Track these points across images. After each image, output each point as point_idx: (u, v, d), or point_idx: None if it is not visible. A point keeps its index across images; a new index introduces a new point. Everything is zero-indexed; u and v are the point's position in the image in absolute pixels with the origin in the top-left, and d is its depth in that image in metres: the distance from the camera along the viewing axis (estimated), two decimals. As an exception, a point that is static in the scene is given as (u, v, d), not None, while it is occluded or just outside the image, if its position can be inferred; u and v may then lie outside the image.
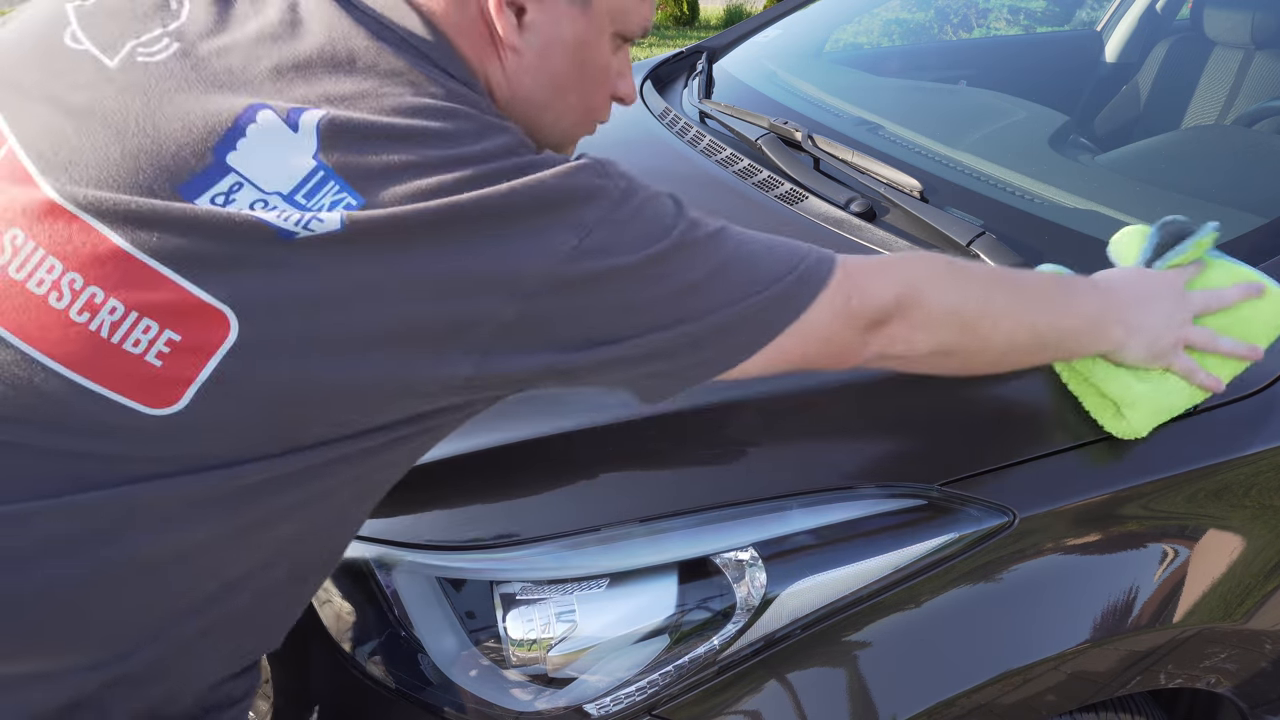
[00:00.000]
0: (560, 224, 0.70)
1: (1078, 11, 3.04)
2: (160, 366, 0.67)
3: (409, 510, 1.11)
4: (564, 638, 1.00)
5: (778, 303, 0.77)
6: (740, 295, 0.76)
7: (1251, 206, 1.38)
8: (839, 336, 0.81)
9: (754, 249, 0.79)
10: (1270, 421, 1.04)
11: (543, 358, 0.72)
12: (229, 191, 0.68)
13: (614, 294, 0.73)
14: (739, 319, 0.76)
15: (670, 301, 0.74)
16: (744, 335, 0.78)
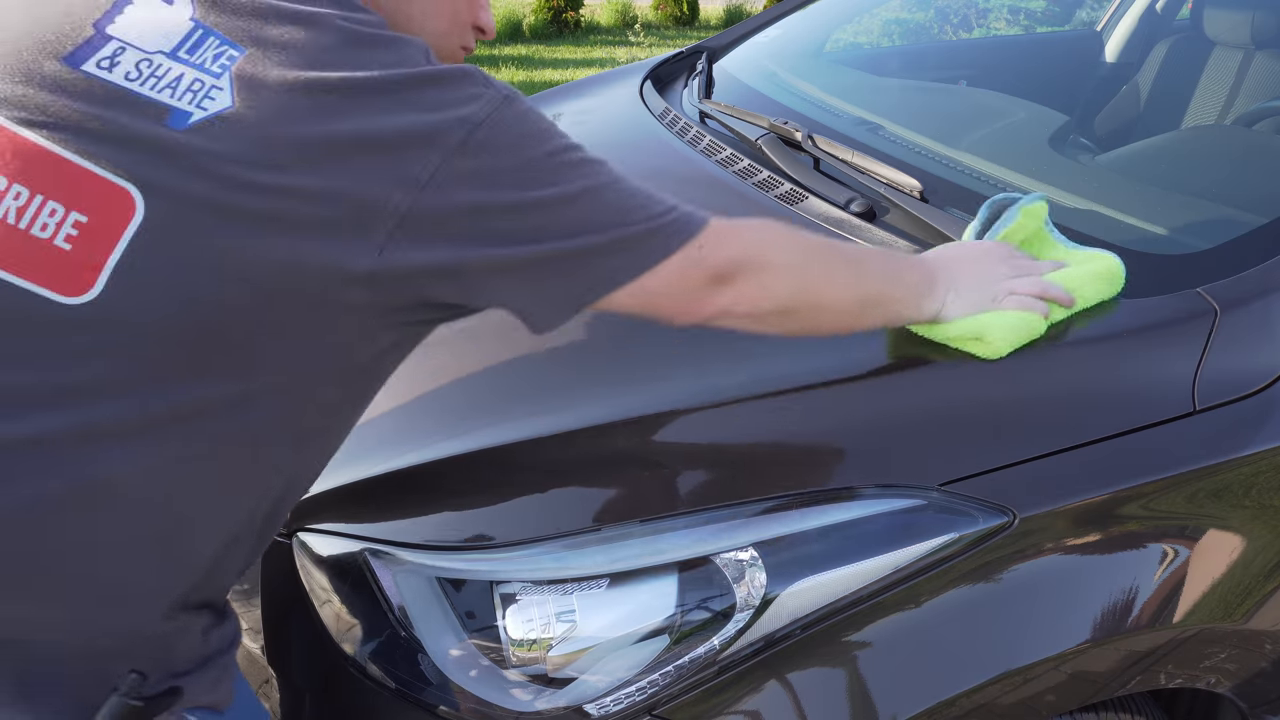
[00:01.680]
0: (447, 113, 0.73)
1: (1078, 11, 3.04)
2: (70, 250, 0.67)
3: (409, 510, 1.11)
4: (564, 638, 1.00)
5: (649, 238, 0.81)
6: (615, 222, 0.80)
7: (1251, 206, 1.38)
8: (691, 285, 0.85)
9: (632, 186, 0.83)
10: (1270, 421, 1.04)
11: (436, 253, 0.74)
12: (112, 55, 0.71)
13: (498, 193, 0.75)
14: (611, 245, 0.80)
15: (549, 211, 0.77)
16: (615, 262, 0.80)
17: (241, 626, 0.92)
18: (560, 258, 0.79)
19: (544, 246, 0.77)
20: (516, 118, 0.77)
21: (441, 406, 1.22)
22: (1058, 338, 1.09)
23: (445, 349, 1.33)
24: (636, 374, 1.17)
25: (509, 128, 0.76)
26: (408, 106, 0.73)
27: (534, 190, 0.76)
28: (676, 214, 0.84)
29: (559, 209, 0.78)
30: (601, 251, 0.80)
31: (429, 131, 0.73)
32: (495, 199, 0.75)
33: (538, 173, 0.77)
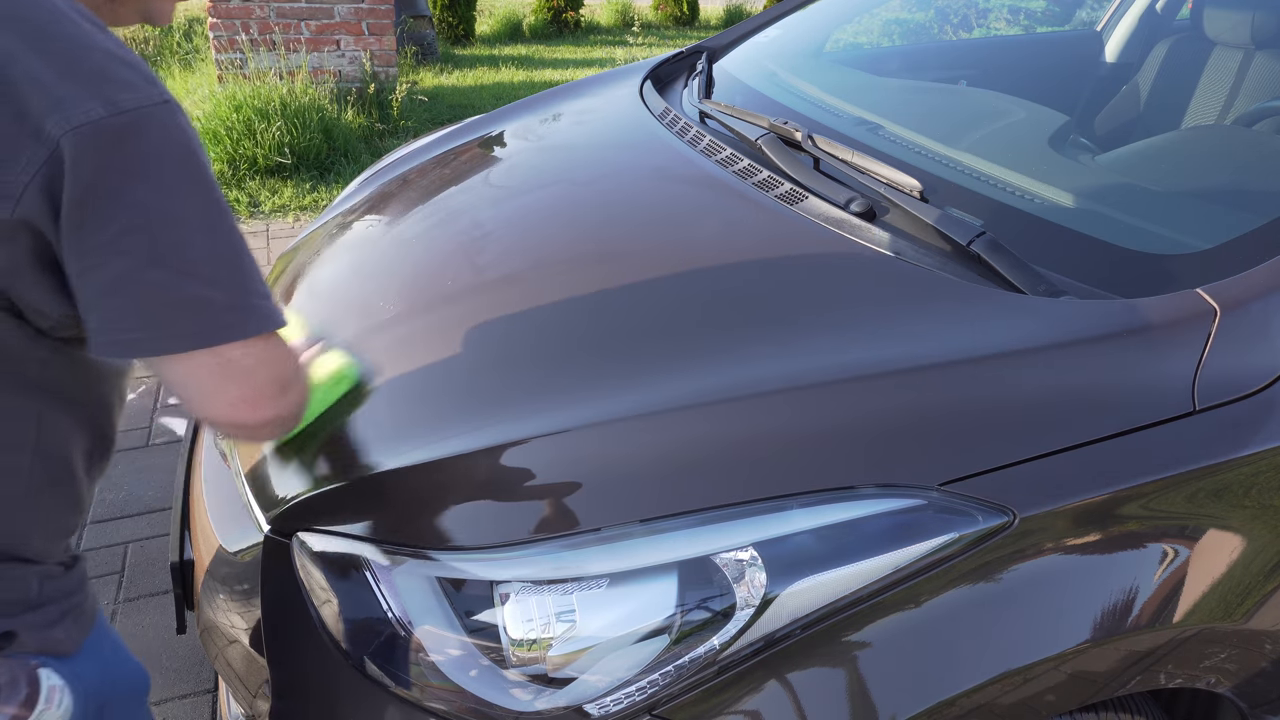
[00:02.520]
0: (98, 91, 0.74)
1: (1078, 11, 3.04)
2: None
3: (409, 510, 1.11)
4: (564, 638, 1.00)
5: (259, 311, 0.83)
6: (218, 281, 0.80)
7: (1251, 206, 1.38)
8: (265, 376, 0.86)
9: (235, 244, 0.83)
10: (1270, 421, 1.04)
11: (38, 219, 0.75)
12: None
13: (121, 185, 0.75)
14: (227, 305, 0.81)
15: (178, 231, 0.78)
16: (223, 320, 0.81)
17: (86, 575, 0.94)
18: (159, 288, 0.78)
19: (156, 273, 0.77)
20: (169, 123, 0.78)
21: (441, 406, 1.22)
22: (1059, 337, 1.09)
23: (445, 349, 1.33)
24: (636, 373, 1.17)
25: (157, 131, 0.77)
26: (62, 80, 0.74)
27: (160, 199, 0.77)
28: (275, 301, 0.86)
29: (170, 231, 0.78)
30: (220, 305, 0.81)
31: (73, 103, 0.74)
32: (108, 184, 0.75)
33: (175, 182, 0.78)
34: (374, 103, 5.29)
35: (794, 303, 1.25)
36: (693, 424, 1.08)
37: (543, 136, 2.01)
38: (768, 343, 1.17)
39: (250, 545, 1.24)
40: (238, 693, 1.21)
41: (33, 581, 0.88)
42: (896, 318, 1.18)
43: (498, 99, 6.09)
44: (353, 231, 1.75)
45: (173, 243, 0.78)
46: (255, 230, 4.00)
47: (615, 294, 1.34)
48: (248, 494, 1.28)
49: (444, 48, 7.98)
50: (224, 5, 4.96)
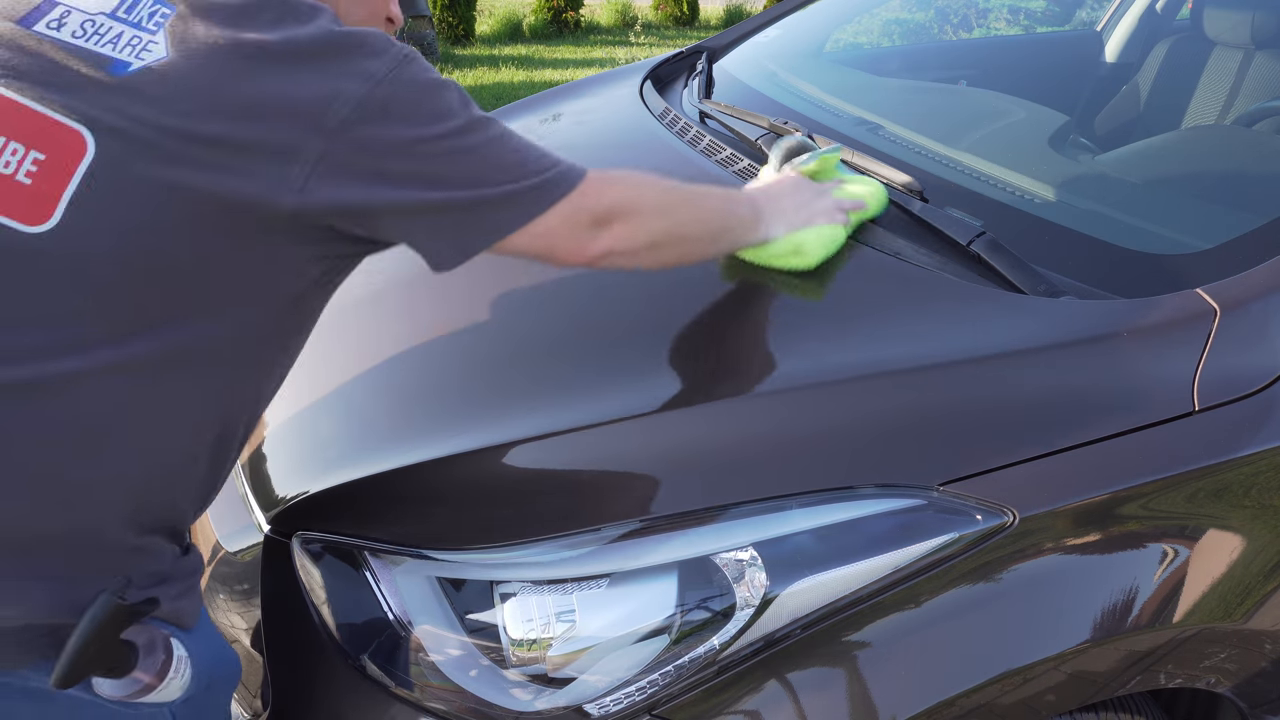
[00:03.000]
0: (353, 70, 0.84)
1: (1078, 11, 3.04)
2: (30, 184, 0.77)
3: (409, 510, 1.11)
4: (564, 638, 1.00)
5: (537, 190, 0.92)
6: (506, 177, 0.90)
7: (1251, 206, 1.38)
8: (577, 229, 0.97)
9: (522, 141, 0.94)
10: (1270, 421, 1.04)
11: (346, 193, 0.84)
12: (59, 17, 0.82)
13: (401, 143, 0.85)
14: (503, 197, 0.90)
15: (446, 161, 0.87)
16: (505, 213, 0.91)
17: (203, 558, 1.01)
18: (457, 206, 0.89)
19: (442, 194, 0.88)
20: (414, 76, 0.87)
21: (441, 406, 1.22)
22: (1059, 337, 1.09)
23: (445, 348, 1.33)
24: (636, 373, 1.17)
25: (407, 84, 0.86)
26: (317, 67, 0.83)
27: (431, 142, 0.86)
28: (561, 168, 0.95)
29: (455, 159, 0.88)
30: (494, 203, 0.90)
31: (335, 89, 0.83)
32: (396, 147, 0.85)
33: (435, 125, 0.87)
34: (374, 103, 5.28)
35: (793, 302, 1.25)
36: (692, 424, 1.08)
37: (543, 137, 2.01)
38: (768, 342, 1.17)
39: (250, 545, 1.24)
40: (238, 692, 1.21)
41: (168, 556, 0.93)
42: (896, 318, 1.18)
43: (498, 99, 6.09)
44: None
45: (450, 166, 0.88)
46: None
47: (614, 294, 1.34)
48: (248, 494, 1.28)
49: (444, 48, 7.98)
50: (224, 5, 4.95)
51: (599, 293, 1.35)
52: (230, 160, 0.80)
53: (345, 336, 1.42)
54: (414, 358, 1.33)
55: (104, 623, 0.82)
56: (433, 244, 0.92)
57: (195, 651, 0.94)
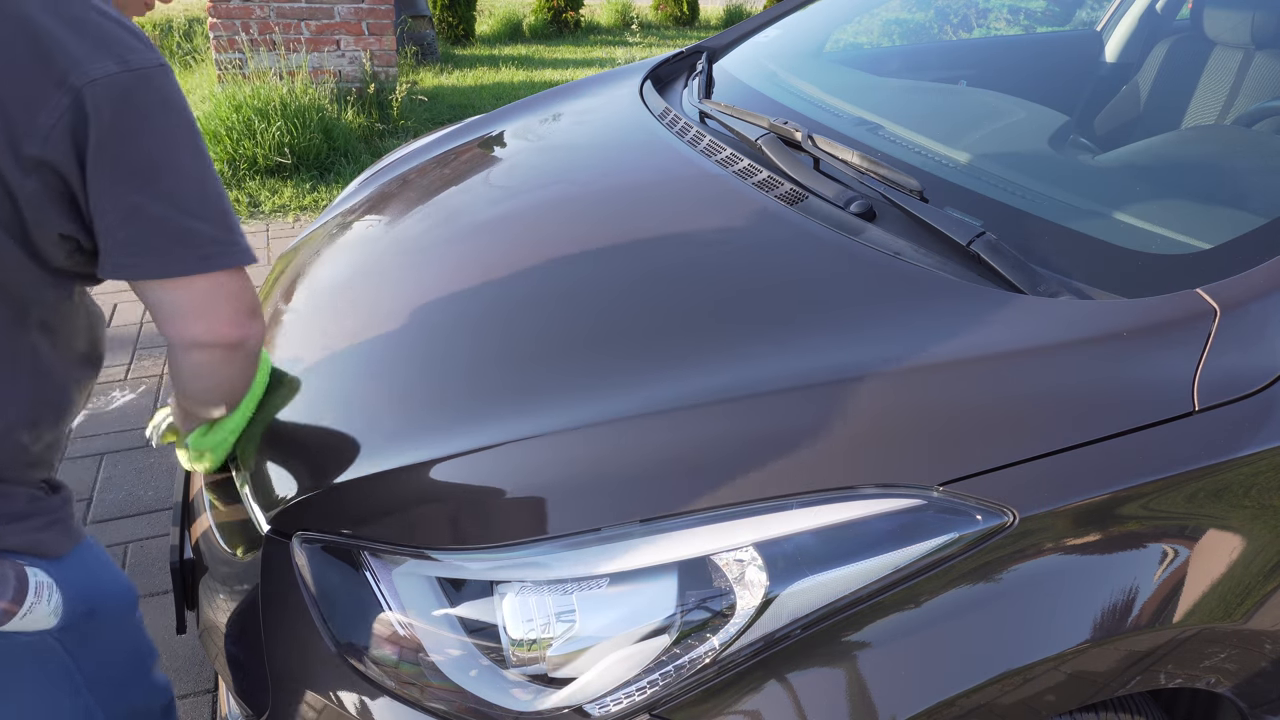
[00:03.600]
0: (110, 51, 0.89)
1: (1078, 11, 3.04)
2: None
3: (409, 510, 1.11)
4: (564, 638, 1.00)
5: (237, 245, 0.99)
6: (209, 218, 0.96)
7: (1251, 206, 1.38)
8: (244, 303, 1.03)
9: (220, 189, 0.99)
10: (1270, 421, 1.04)
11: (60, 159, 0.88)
12: None
13: (131, 132, 0.90)
14: (215, 238, 0.97)
15: (164, 174, 0.93)
16: (210, 250, 0.97)
17: (71, 499, 1.06)
18: (160, 220, 0.93)
19: (160, 207, 0.93)
20: (161, 77, 0.92)
21: (441, 406, 1.22)
22: (1059, 337, 1.09)
23: (444, 349, 1.33)
24: (636, 373, 1.17)
25: (152, 85, 0.91)
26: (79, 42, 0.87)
27: (158, 145, 0.92)
28: (247, 240, 1.02)
29: (175, 179, 0.93)
30: (208, 238, 0.96)
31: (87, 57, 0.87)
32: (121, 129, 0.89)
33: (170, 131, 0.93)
34: (374, 103, 5.29)
35: (793, 302, 1.25)
36: (692, 424, 1.08)
37: (543, 137, 2.01)
38: (767, 343, 1.17)
39: (250, 545, 1.24)
40: (238, 692, 1.21)
41: (21, 499, 0.99)
42: (896, 318, 1.18)
43: (498, 99, 6.09)
44: (353, 231, 1.75)
45: (173, 183, 0.93)
46: (255, 230, 4.00)
47: (614, 294, 1.34)
48: (248, 494, 1.28)
49: (444, 48, 7.98)
50: (224, 5, 4.96)
51: (598, 293, 1.35)
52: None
53: (345, 337, 1.42)
54: (414, 358, 1.33)
55: None
56: (118, 246, 0.94)
57: (65, 579, 0.99)
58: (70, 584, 1.00)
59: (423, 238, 1.63)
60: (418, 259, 1.56)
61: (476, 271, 1.47)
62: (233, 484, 1.35)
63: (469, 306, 1.39)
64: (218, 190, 0.98)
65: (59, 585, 0.99)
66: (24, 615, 0.95)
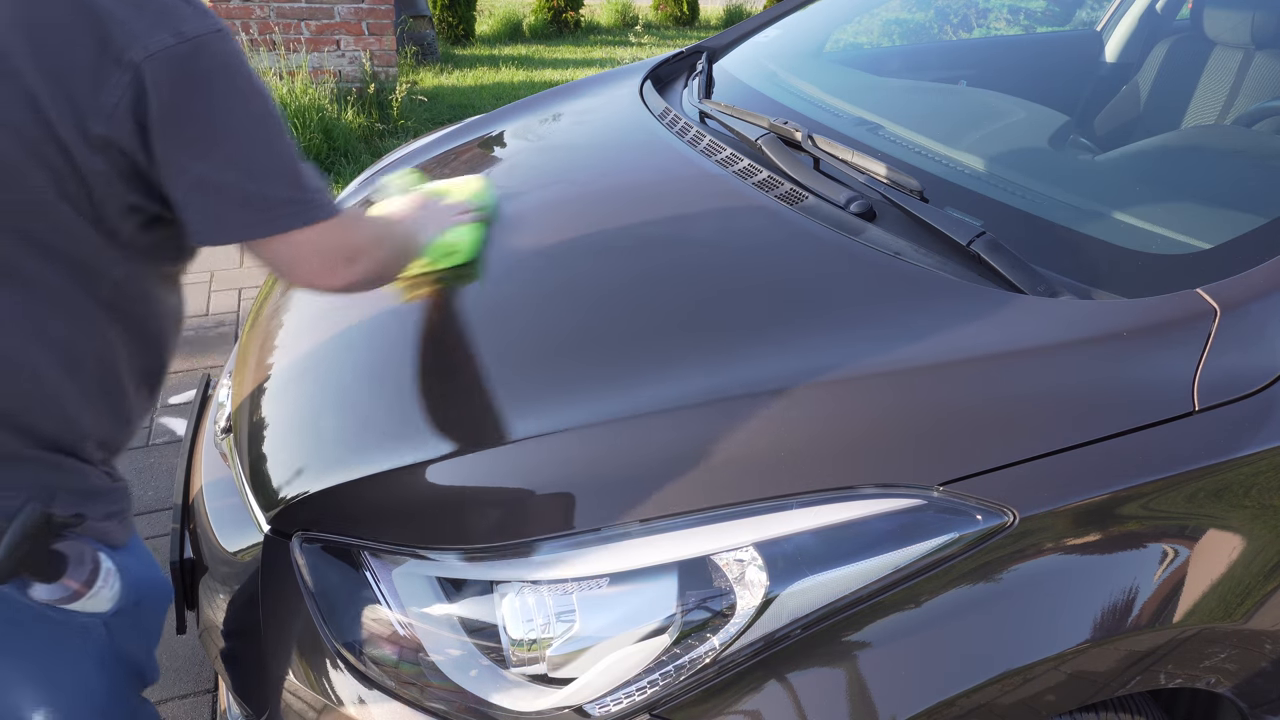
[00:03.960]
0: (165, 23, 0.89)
1: (1078, 11, 3.04)
2: None
3: (409, 510, 1.11)
4: (564, 638, 1.00)
5: (315, 202, 1.00)
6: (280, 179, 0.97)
7: (1251, 206, 1.38)
8: (332, 252, 1.05)
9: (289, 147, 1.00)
10: (1270, 421, 1.04)
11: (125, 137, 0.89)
12: None
13: (192, 101, 0.91)
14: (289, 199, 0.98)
15: (231, 141, 0.94)
16: (284, 211, 0.98)
17: (129, 494, 1.10)
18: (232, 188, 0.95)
19: (226, 174, 0.94)
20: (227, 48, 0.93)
21: (441, 407, 1.22)
22: (1059, 337, 1.09)
23: (445, 348, 1.33)
24: (635, 374, 1.17)
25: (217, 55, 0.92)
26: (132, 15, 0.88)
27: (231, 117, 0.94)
28: (328, 195, 1.03)
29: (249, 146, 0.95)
30: (277, 201, 0.97)
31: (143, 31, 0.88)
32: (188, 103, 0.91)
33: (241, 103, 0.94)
34: (374, 103, 5.29)
35: (793, 303, 1.25)
36: (692, 424, 1.08)
37: (543, 136, 2.01)
38: (767, 342, 1.17)
39: (250, 545, 1.24)
40: (237, 693, 1.21)
41: (93, 477, 1.03)
42: (896, 318, 1.18)
43: (498, 99, 6.09)
44: (353, 231, 1.75)
45: (237, 149, 0.94)
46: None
47: (614, 294, 1.34)
48: (248, 494, 1.28)
49: (444, 48, 7.98)
50: (224, 5, 4.96)
51: (598, 293, 1.35)
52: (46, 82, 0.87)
53: (345, 336, 1.42)
54: (414, 358, 1.33)
55: (32, 528, 0.91)
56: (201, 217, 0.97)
57: (124, 568, 1.04)
58: (127, 572, 1.05)
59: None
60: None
61: (478, 271, 1.47)
62: (233, 484, 1.35)
63: (469, 307, 1.39)
64: (286, 150, 0.98)
65: (118, 571, 1.03)
66: (91, 597, 0.99)
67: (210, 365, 2.93)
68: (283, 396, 1.38)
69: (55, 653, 1.04)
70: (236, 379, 1.52)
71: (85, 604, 1.00)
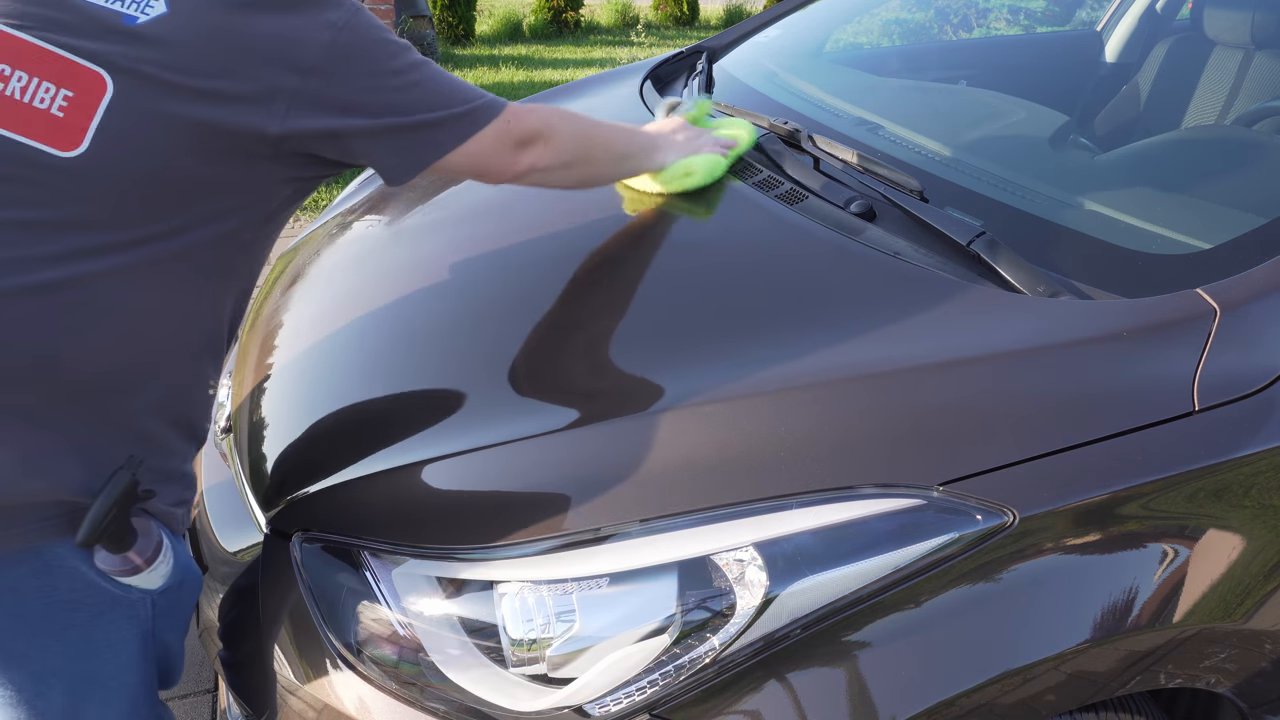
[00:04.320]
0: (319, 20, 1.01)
1: (1078, 11, 3.04)
2: (63, 117, 0.93)
3: (409, 510, 1.11)
4: (564, 637, 1.00)
5: (470, 114, 1.12)
6: (444, 104, 1.10)
7: (1251, 206, 1.38)
8: (504, 148, 1.17)
9: (454, 78, 1.14)
10: (1270, 421, 1.04)
11: (322, 121, 1.01)
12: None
13: (362, 78, 1.03)
14: (444, 120, 1.10)
15: (397, 93, 1.06)
16: (446, 133, 1.11)
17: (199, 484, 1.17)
18: (409, 128, 1.08)
19: (396, 119, 1.06)
20: (368, 22, 1.05)
21: (441, 406, 1.22)
22: (1059, 337, 1.09)
23: (444, 349, 1.33)
24: (635, 374, 1.17)
25: (363, 30, 1.04)
26: (289, 17, 1.00)
27: (385, 77, 1.05)
28: (488, 98, 1.15)
29: (405, 92, 1.07)
30: (439, 124, 1.10)
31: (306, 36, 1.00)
32: (358, 82, 1.03)
33: (387, 63, 1.06)
34: (374, 103, 5.28)
35: (793, 302, 1.25)
36: (692, 424, 1.08)
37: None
38: (766, 343, 1.17)
39: (250, 545, 1.24)
40: (237, 693, 1.21)
41: (176, 454, 1.09)
42: (896, 318, 1.18)
43: (498, 99, 6.07)
44: (353, 231, 1.75)
45: (396, 98, 1.06)
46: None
47: (614, 294, 1.34)
48: (248, 494, 1.28)
49: (444, 48, 7.98)
50: (224, 5, 4.95)
51: (598, 292, 1.35)
52: (222, 100, 0.96)
53: (345, 336, 1.42)
54: (414, 357, 1.33)
55: (121, 495, 0.96)
56: (390, 160, 1.09)
57: (177, 550, 1.09)
58: (178, 556, 1.10)
59: (423, 238, 1.63)
60: (418, 259, 1.56)
61: (478, 271, 1.47)
62: (233, 484, 1.35)
63: (470, 305, 1.39)
64: (434, 74, 1.10)
65: (173, 552, 1.08)
66: (150, 572, 1.04)
67: (210, 365, 2.93)
68: (283, 396, 1.38)
69: (102, 625, 1.05)
70: (236, 379, 1.52)
71: (141, 579, 1.04)
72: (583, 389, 1.17)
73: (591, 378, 1.18)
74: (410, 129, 1.08)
